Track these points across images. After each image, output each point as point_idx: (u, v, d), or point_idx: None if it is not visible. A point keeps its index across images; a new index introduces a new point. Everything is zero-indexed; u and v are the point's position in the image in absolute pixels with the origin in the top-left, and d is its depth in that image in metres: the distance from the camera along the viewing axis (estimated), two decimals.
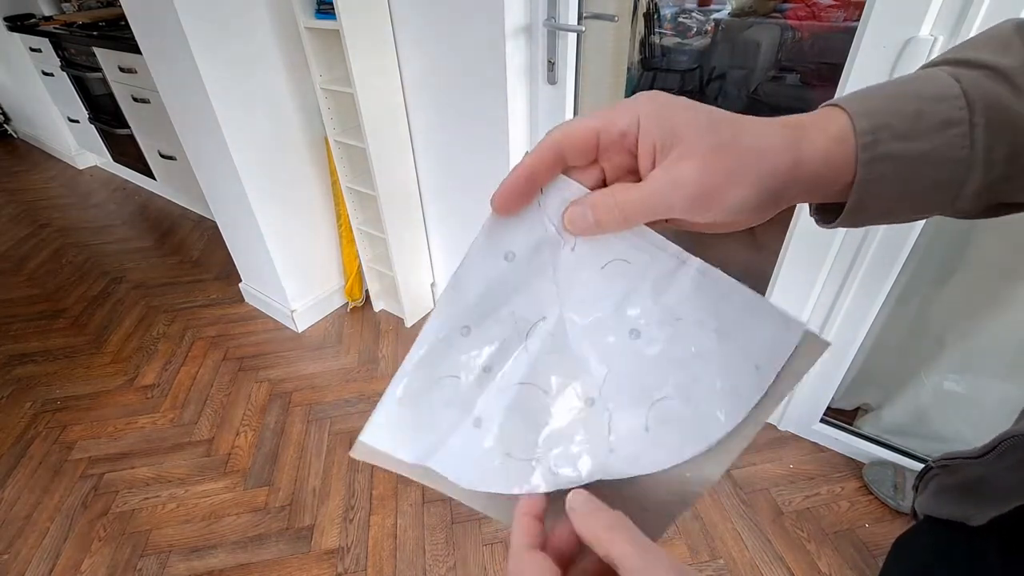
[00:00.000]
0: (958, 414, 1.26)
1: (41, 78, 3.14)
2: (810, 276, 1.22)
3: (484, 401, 0.30)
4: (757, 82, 3.08)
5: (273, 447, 1.54)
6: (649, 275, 0.28)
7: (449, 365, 0.30)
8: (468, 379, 0.30)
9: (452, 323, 0.30)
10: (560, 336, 0.30)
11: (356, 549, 1.28)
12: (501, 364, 0.30)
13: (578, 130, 0.26)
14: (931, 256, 1.16)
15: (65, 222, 2.84)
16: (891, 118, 0.24)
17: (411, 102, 1.56)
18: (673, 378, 0.28)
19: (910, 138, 0.24)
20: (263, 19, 1.46)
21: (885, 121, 0.24)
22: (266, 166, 1.63)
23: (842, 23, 2.77)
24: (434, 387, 0.30)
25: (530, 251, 0.29)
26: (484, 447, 0.30)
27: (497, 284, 0.29)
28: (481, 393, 0.30)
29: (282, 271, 1.82)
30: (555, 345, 0.30)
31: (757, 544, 1.23)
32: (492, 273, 0.29)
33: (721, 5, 3.17)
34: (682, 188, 0.24)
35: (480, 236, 0.29)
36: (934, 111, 0.24)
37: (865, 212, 0.26)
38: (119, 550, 1.30)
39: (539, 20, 1.25)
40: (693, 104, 0.25)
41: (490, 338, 0.30)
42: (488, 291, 0.29)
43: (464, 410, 0.30)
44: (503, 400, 0.30)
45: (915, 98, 0.24)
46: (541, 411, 0.30)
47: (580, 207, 0.27)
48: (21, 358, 1.90)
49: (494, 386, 0.30)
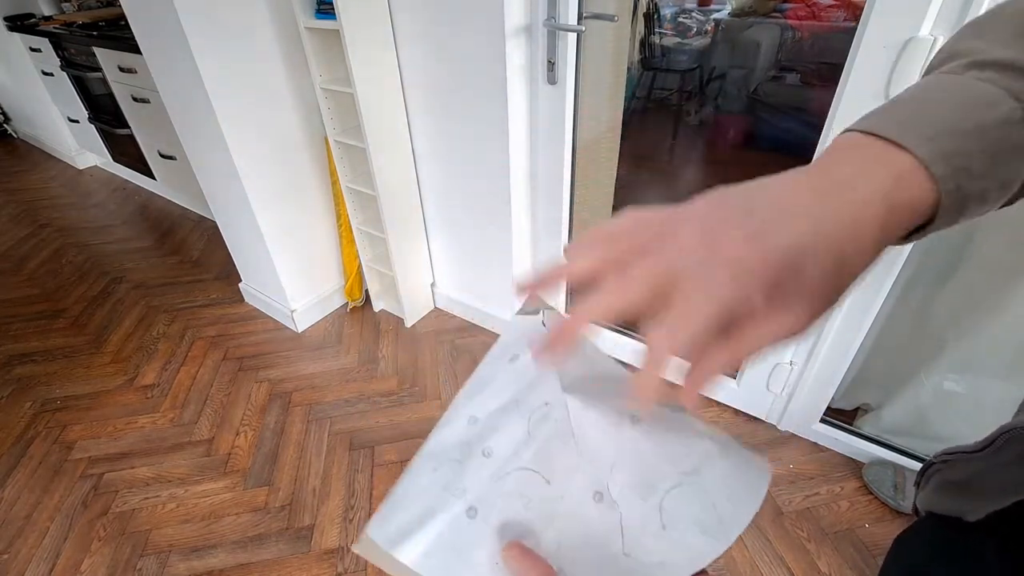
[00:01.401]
0: (958, 414, 1.26)
1: (41, 78, 3.14)
2: None
3: (479, 488, 0.27)
4: (757, 82, 3.08)
5: (273, 447, 1.54)
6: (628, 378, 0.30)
7: (452, 451, 0.29)
8: (466, 465, 0.28)
9: (461, 414, 0.30)
10: (564, 423, 0.28)
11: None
12: (502, 449, 0.28)
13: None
14: (931, 256, 1.16)
15: (65, 222, 2.84)
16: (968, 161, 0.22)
17: (411, 102, 1.56)
18: (677, 467, 0.27)
19: (988, 177, 0.23)
20: (263, 19, 1.46)
21: (964, 164, 0.22)
22: (266, 166, 1.63)
23: (842, 23, 2.77)
24: (434, 472, 0.28)
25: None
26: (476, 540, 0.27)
27: (503, 379, 0.30)
28: (476, 479, 0.27)
29: (282, 271, 1.82)
30: (558, 430, 0.28)
31: (757, 544, 1.23)
32: (499, 370, 0.31)
33: (721, 5, 3.17)
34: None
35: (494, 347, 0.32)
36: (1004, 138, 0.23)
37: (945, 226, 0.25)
38: (119, 550, 1.30)
39: (539, 20, 1.25)
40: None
41: (494, 424, 0.29)
42: (497, 385, 0.30)
43: (458, 497, 0.27)
44: (500, 487, 0.27)
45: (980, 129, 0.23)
46: (543, 504, 0.27)
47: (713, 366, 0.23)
48: (21, 358, 1.90)
49: (490, 472, 0.27)
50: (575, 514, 0.27)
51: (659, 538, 0.26)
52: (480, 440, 0.29)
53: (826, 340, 1.26)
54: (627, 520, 0.26)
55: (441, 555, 0.26)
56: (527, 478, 0.27)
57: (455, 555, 0.26)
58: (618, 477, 0.27)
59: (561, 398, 0.28)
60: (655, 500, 0.26)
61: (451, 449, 0.29)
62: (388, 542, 0.27)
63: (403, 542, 0.27)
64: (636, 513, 0.26)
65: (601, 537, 0.26)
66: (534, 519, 0.27)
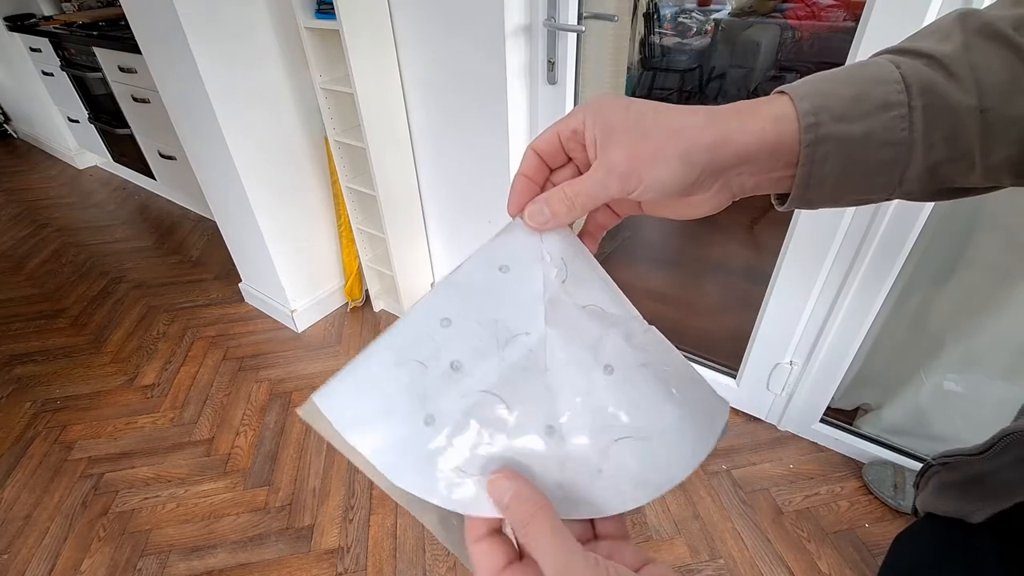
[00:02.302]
0: (958, 414, 1.26)
1: (41, 78, 3.14)
2: (810, 276, 1.22)
3: (442, 400, 0.28)
4: (757, 82, 3.08)
5: (273, 447, 1.54)
6: (621, 326, 0.30)
7: (418, 351, 0.29)
8: (433, 372, 0.28)
9: (435, 312, 0.29)
10: (539, 355, 0.29)
11: (356, 549, 1.28)
12: (471, 366, 0.29)
13: (545, 136, 0.30)
14: (931, 256, 1.17)
15: (65, 222, 2.84)
16: (831, 100, 0.25)
17: (411, 102, 1.56)
18: (634, 420, 0.29)
19: (850, 119, 0.25)
20: (263, 19, 1.46)
21: (825, 103, 0.25)
22: (266, 166, 1.63)
23: (842, 23, 2.77)
24: (397, 368, 0.28)
25: (524, 268, 0.30)
26: (427, 446, 0.28)
27: (487, 290, 0.30)
28: (441, 390, 0.28)
29: (282, 271, 1.82)
30: (531, 363, 0.29)
31: (757, 544, 1.23)
32: (485, 278, 0.30)
33: (721, 5, 3.18)
34: (614, 172, 0.27)
35: (478, 250, 0.31)
36: (873, 93, 0.25)
37: (813, 192, 0.27)
38: (119, 550, 1.30)
39: (539, 20, 1.26)
40: (630, 102, 0.28)
41: (468, 335, 0.29)
42: (478, 293, 0.30)
43: (419, 401, 0.28)
44: (462, 404, 0.28)
45: (856, 82, 0.25)
46: (498, 427, 0.28)
47: (537, 204, 0.30)
48: (21, 358, 1.90)
49: (456, 388, 0.28)
50: (524, 442, 0.28)
51: (593, 479, 0.28)
52: (449, 347, 0.29)
53: (826, 340, 1.27)
54: (570, 456, 0.28)
55: (394, 453, 0.27)
56: (489, 401, 0.28)
57: (407, 456, 0.27)
58: (574, 417, 0.28)
59: (543, 331, 0.29)
60: (602, 444, 0.28)
61: (418, 347, 0.29)
62: (342, 423, 0.27)
63: (358, 429, 0.27)
64: (580, 452, 0.28)
65: (541, 467, 0.28)
66: (484, 440, 0.28)
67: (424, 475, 0.27)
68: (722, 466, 1.41)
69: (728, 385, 1.52)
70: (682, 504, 1.32)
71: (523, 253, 0.31)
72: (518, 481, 0.26)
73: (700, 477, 1.38)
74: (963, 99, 0.24)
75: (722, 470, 1.40)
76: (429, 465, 0.27)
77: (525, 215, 0.30)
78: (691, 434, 0.29)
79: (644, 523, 1.29)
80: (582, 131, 0.29)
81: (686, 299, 2.08)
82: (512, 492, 0.25)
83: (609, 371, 0.29)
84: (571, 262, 0.31)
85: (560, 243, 0.31)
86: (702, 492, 1.35)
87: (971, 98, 0.24)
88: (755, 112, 0.26)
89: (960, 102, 0.24)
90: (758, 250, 2.25)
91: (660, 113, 0.27)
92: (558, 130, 0.30)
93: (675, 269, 2.30)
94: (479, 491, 0.27)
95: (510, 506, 0.25)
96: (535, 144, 0.31)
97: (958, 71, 0.24)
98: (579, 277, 0.31)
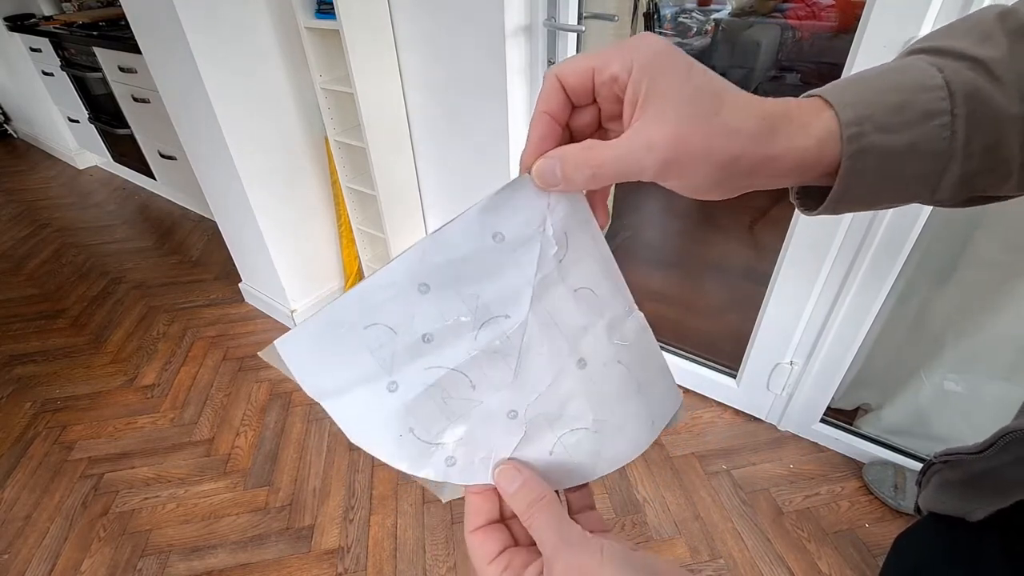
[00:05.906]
0: (958, 414, 1.26)
1: (41, 78, 3.14)
2: (810, 276, 1.22)
3: (408, 369, 0.28)
4: (757, 82, 3.08)
5: (273, 447, 1.54)
6: (607, 313, 0.30)
7: (390, 314, 0.27)
8: (403, 339, 0.27)
9: (414, 274, 0.27)
10: (514, 341, 0.28)
11: (356, 549, 1.28)
12: (442, 341, 0.28)
13: (577, 67, 0.26)
14: (931, 256, 1.16)
15: (65, 222, 2.84)
16: (875, 109, 0.24)
17: (411, 102, 1.56)
18: (595, 414, 0.30)
19: (893, 130, 0.24)
20: (263, 19, 1.46)
21: (869, 112, 0.24)
22: (266, 166, 1.63)
23: (837, 26, 2.77)
24: (365, 329, 0.27)
25: (520, 242, 0.27)
26: (388, 410, 0.28)
27: (474, 259, 0.27)
28: (409, 360, 0.28)
29: (282, 271, 1.82)
30: (505, 347, 0.28)
31: (757, 544, 1.23)
32: (475, 245, 0.27)
33: (721, 5, 3.17)
34: (655, 151, 0.24)
35: (475, 207, 0.27)
36: (916, 102, 0.24)
37: (847, 201, 0.26)
38: (119, 550, 1.30)
39: (539, 20, 1.25)
40: (687, 64, 0.24)
41: (444, 309, 0.27)
42: (463, 261, 0.27)
43: (384, 368, 0.28)
44: (428, 377, 0.28)
45: (897, 89, 0.24)
46: (461, 404, 0.29)
47: (550, 160, 0.26)
48: (21, 358, 1.90)
49: (425, 360, 0.28)
50: (484, 422, 0.29)
51: (543, 462, 0.30)
52: (424, 317, 0.27)
53: (826, 340, 1.27)
54: (527, 439, 0.30)
55: (352, 409, 0.28)
56: (456, 379, 0.28)
57: (366, 415, 0.28)
58: (537, 404, 0.29)
59: (524, 318, 0.28)
60: (558, 433, 0.30)
61: (391, 311, 0.27)
62: (301, 372, 0.27)
63: (317, 380, 0.28)
64: (536, 437, 0.30)
65: (498, 447, 0.30)
66: (446, 414, 0.29)
67: (383, 440, 0.28)
68: (722, 466, 1.41)
69: (728, 385, 1.52)
70: (682, 504, 1.32)
71: (524, 219, 0.27)
72: (525, 472, 0.29)
73: (700, 477, 1.38)
74: (1009, 107, 0.23)
75: (722, 470, 1.40)
76: (387, 431, 0.28)
77: (534, 171, 0.26)
78: (645, 428, 0.32)
79: (644, 523, 1.29)
80: (624, 81, 0.24)
81: (686, 299, 2.07)
82: (521, 481, 0.28)
83: (582, 365, 0.30)
84: (573, 235, 0.28)
85: (567, 209, 0.28)
86: (702, 492, 1.35)
87: (1017, 105, 0.23)
88: (805, 128, 0.24)
89: (1005, 110, 0.23)
90: (758, 250, 2.25)
91: (720, 97, 0.24)
92: (594, 66, 0.25)
93: (675, 269, 2.29)
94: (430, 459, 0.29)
95: (518, 493, 0.28)
96: (562, 72, 0.26)
97: (1004, 76, 0.23)
98: (578, 254, 0.29)
